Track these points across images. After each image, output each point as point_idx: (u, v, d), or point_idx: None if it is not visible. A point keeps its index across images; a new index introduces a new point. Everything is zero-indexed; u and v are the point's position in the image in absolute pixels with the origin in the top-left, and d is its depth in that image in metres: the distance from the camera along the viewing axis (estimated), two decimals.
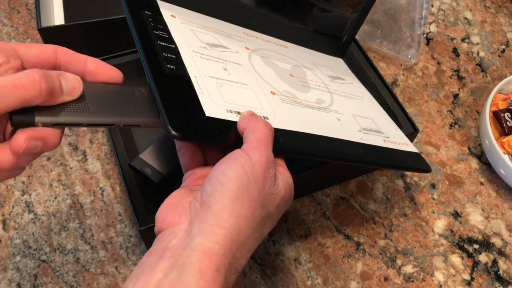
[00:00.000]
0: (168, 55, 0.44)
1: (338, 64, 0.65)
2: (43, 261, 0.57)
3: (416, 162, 0.53)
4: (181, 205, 0.35)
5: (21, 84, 0.30)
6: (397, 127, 0.57)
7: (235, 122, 0.40)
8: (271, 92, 0.47)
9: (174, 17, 0.50)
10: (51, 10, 0.73)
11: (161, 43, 0.45)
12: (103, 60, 0.51)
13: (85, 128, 0.67)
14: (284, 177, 0.38)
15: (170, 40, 0.46)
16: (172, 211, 0.35)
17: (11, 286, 0.55)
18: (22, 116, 0.33)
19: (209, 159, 0.40)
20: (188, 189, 0.38)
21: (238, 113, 0.41)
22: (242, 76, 0.47)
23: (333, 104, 0.53)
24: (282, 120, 0.43)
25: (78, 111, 0.35)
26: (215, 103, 0.41)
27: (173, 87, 0.41)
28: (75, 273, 0.56)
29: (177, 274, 0.30)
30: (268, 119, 0.42)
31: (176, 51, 0.45)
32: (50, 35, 0.68)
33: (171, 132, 0.36)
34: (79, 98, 0.36)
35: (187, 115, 0.39)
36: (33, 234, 0.59)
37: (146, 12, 0.48)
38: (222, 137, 0.39)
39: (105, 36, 0.68)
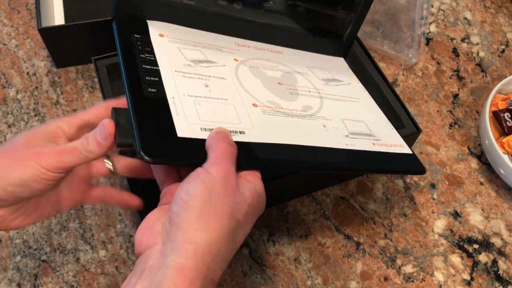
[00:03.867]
0: (151, 78, 0.45)
1: (337, 64, 0.64)
2: (43, 261, 0.57)
3: (409, 164, 0.52)
4: (156, 227, 0.37)
5: (75, 147, 0.40)
6: (393, 127, 0.57)
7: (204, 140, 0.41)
8: (253, 104, 0.48)
9: (163, 36, 0.51)
10: (51, 10, 0.73)
11: (146, 66, 0.46)
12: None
13: None
14: (251, 185, 0.39)
15: (155, 62, 0.47)
16: (147, 233, 0.37)
17: (12, 286, 0.55)
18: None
19: (184, 174, 0.41)
20: (162, 209, 0.40)
21: (211, 130, 0.42)
22: (224, 91, 0.48)
23: (321, 109, 0.53)
24: (260, 133, 0.45)
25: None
26: (189, 123, 0.42)
27: (150, 110, 0.42)
28: (75, 273, 0.56)
29: None
30: (244, 133, 0.44)
31: (159, 74, 0.46)
32: (50, 35, 0.68)
33: (144, 157, 0.37)
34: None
35: (159, 138, 0.40)
36: (33, 234, 0.59)
37: (135, 35, 0.50)
38: (194, 157, 0.40)
39: (105, 36, 0.68)
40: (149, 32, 0.51)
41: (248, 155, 0.42)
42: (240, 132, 0.43)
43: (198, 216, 0.34)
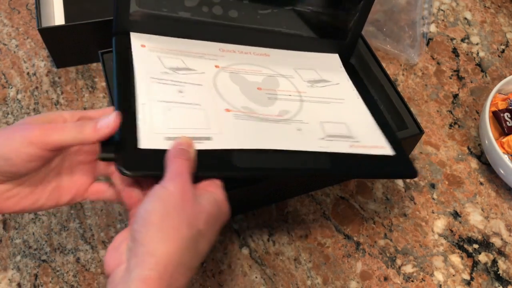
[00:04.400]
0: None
1: (329, 62, 0.64)
2: (44, 261, 0.57)
3: (395, 167, 0.51)
4: (121, 247, 0.38)
5: (64, 127, 0.40)
6: (377, 128, 0.56)
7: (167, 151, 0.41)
8: (226, 109, 0.49)
9: (144, 46, 0.53)
10: (51, 10, 0.73)
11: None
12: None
13: None
14: (209, 195, 0.40)
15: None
16: (114, 254, 0.38)
17: (12, 286, 0.55)
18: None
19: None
20: (128, 229, 0.40)
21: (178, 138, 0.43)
22: (198, 97, 0.49)
23: (299, 113, 0.53)
24: (229, 138, 0.46)
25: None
26: (154, 132, 0.43)
27: (129, 122, 0.43)
28: (75, 272, 0.56)
29: None
30: (211, 139, 0.45)
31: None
32: (50, 35, 0.68)
33: (120, 171, 0.39)
34: None
35: (122, 150, 0.41)
36: (33, 234, 0.59)
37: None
38: (156, 168, 0.40)
39: (106, 36, 0.68)
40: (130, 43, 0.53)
41: (214, 163, 0.43)
42: (206, 139, 0.45)
43: (157, 230, 0.36)
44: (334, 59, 0.65)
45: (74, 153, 0.45)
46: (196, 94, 0.49)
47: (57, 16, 0.73)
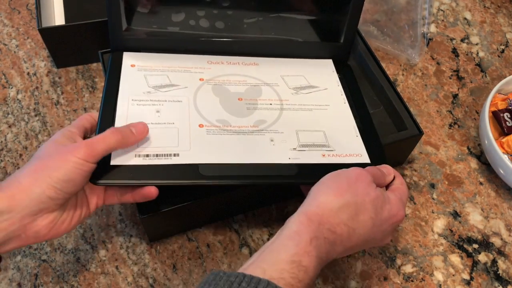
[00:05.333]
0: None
1: (320, 67, 0.64)
2: (44, 260, 0.57)
3: None
4: None
5: (105, 136, 0.46)
6: (358, 135, 0.56)
7: (137, 166, 0.48)
8: (199, 125, 0.53)
9: (134, 66, 0.58)
10: (51, 11, 0.73)
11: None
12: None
13: None
14: (383, 190, 0.47)
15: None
16: None
17: (12, 285, 0.55)
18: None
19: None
20: None
21: (146, 155, 0.49)
22: (174, 115, 0.53)
23: (276, 122, 0.55)
24: (197, 154, 0.50)
25: None
26: (125, 150, 0.49)
27: None
28: (75, 272, 0.56)
29: (284, 227, 0.43)
30: (178, 155, 0.49)
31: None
32: (50, 35, 0.68)
33: (92, 181, 0.46)
34: None
35: (99, 165, 0.46)
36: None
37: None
38: (130, 177, 0.47)
39: (105, 36, 0.68)
40: (121, 63, 0.58)
41: (180, 174, 0.48)
42: (175, 155, 0.50)
43: (325, 187, 0.45)
44: (326, 64, 0.65)
45: None
46: (173, 112, 0.54)
47: (57, 16, 0.73)
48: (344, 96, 0.61)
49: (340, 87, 0.62)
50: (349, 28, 0.63)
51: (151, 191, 0.47)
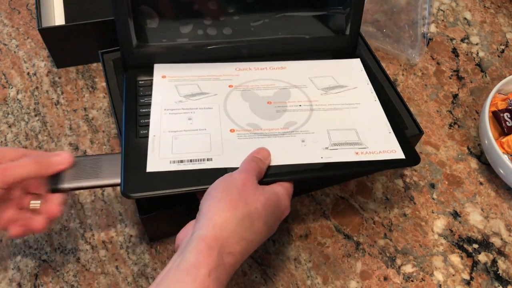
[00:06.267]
0: (146, 120, 0.54)
1: (349, 67, 0.64)
2: (44, 260, 0.57)
3: (400, 163, 0.54)
4: (190, 226, 0.45)
5: (19, 164, 0.46)
6: (391, 131, 0.56)
7: (174, 171, 0.49)
8: (231, 130, 0.54)
9: (165, 77, 0.59)
10: (51, 11, 0.73)
11: (142, 110, 0.55)
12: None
13: (86, 129, 0.67)
14: (271, 188, 0.46)
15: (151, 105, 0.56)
16: (184, 231, 0.45)
17: (12, 285, 0.55)
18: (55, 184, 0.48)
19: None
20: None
21: (181, 161, 0.50)
22: (205, 121, 0.55)
23: (306, 123, 0.56)
24: (228, 158, 0.51)
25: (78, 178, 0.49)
26: (160, 157, 0.50)
27: (137, 150, 0.51)
28: (75, 272, 0.56)
29: (181, 257, 0.40)
30: (212, 160, 0.50)
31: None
32: (50, 35, 0.68)
33: (126, 194, 0.47)
34: (79, 168, 0.50)
35: (135, 176, 0.48)
36: (33, 233, 0.59)
37: (139, 81, 0.59)
38: (164, 187, 0.48)
39: (106, 36, 0.68)
40: (153, 75, 0.59)
41: (213, 178, 0.47)
42: (208, 160, 0.50)
43: (217, 201, 0.43)
44: (354, 63, 0.65)
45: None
46: (204, 119, 0.55)
47: (57, 16, 0.73)
48: (374, 94, 0.61)
49: (370, 85, 0.62)
50: (354, 19, 0.63)
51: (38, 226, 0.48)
